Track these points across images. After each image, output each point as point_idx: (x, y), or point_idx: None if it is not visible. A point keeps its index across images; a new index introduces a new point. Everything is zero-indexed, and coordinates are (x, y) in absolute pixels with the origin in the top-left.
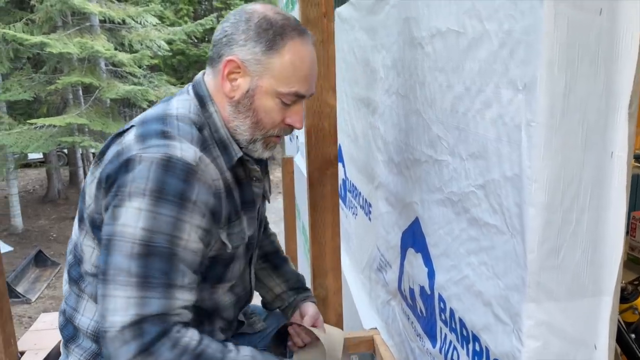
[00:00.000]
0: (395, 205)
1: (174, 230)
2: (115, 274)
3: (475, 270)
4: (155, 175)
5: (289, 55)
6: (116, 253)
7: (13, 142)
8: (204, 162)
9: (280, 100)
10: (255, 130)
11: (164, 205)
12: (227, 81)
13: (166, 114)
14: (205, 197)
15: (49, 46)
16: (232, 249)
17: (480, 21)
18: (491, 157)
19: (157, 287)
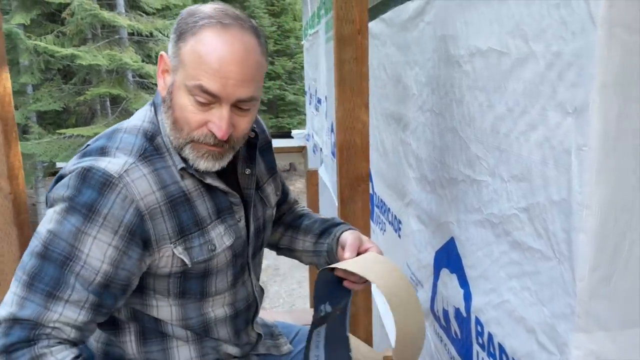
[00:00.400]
0: (428, 224)
1: (74, 241)
2: (18, 268)
3: (517, 295)
4: (73, 184)
5: (197, 44)
6: (28, 248)
7: (42, 151)
8: (133, 174)
9: (194, 98)
10: (176, 133)
11: (72, 214)
12: (161, 79)
13: (116, 129)
14: (119, 213)
15: (79, 58)
16: (195, 263)
17: (526, 41)
18: (536, 179)
19: (39, 292)
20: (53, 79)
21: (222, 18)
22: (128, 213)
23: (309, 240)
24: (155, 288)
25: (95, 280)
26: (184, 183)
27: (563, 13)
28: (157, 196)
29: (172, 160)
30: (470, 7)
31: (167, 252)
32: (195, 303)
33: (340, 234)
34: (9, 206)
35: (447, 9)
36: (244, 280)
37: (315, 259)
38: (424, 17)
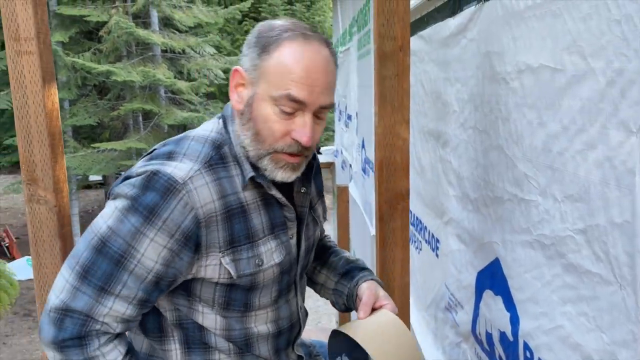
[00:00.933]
0: (469, 244)
1: (132, 240)
2: (72, 256)
3: (572, 321)
4: (139, 184)
5: (283, 55)
6: (82, 238)
7: (77, 165)
8: (197, 182)
9: (279, 108)
10: (257, 144)
11: (134, 213)
12: (235, 93)
13: (184, 136)
14: (179, 218)
15: (114, 74)
16: (240, 276)
17: (583, 58)
18: (594, 200)
19: (92, 285)
20: (89, 94)
21: (303, 30)
22: (187, 219)
23: (331, 278)
24: (201, 296)
25: (147, 279)
26: (243, 195)
27: (625, 29)
28: (215, 205)
29: (236, 171)
30: (520, 23)
31: (214, 261)
32: (239, 315)
33: (362, 283)
34: (54, 219)
35: (493, 25)
36: (288, 299)
37: (334, 297)
38: (467, 34)
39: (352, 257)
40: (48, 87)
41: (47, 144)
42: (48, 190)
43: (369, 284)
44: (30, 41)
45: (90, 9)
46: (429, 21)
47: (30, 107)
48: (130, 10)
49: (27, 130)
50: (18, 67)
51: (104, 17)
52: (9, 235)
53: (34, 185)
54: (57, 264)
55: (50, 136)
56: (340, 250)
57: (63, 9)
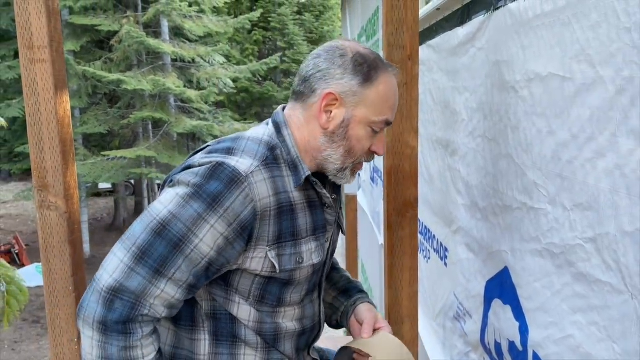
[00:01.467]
0: (478, 252)
1: (193, 225)
2: (127, 237)
3: (583, 331)
4: (203, 173)
5: (382, 87)
6: (139, 221)
7: (87, 172)
8: (257, 177)
9: (372, 128)
10: (347, 159)
11: (197, 200)
12: (324, 113)
13: (239, 136)
14: (239, 208)
15: (124, 83)
16: (282, 270)
17: (592, 66)
18: (604, 209)
19: (147, 267)
20: (99, 103)
21: (384, 61)
22: (246, 210)
23: (330, 293)
24: (238, 287)
25: (200, 265)
26: (292, 195)
27: (634, 37)
28: (271, 200)
29: (287, 172)
30: (529, 32)
31: (261, 253)
32: (270, 310)
33: (360, 304)
34: (64, 225)
35: (502, 34)
36: (312, 299)
37: (329, 311)
38: (475, 43)
39: (352, 278)
40: (60, 94)
41: (59, 151)
42: (59, 197)
43: (368, 307)
44: (44, 49)
45: (101, 18)
46: (438, 30)
47: (43, 114)
48: (141, 20)
49: (39, 137)
50: (31, 74)
51: (115, 27)
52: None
53: (45, 192)
54: (67, 270)
55: (61, 143)
56: (340, 268)
57: (75, 18)
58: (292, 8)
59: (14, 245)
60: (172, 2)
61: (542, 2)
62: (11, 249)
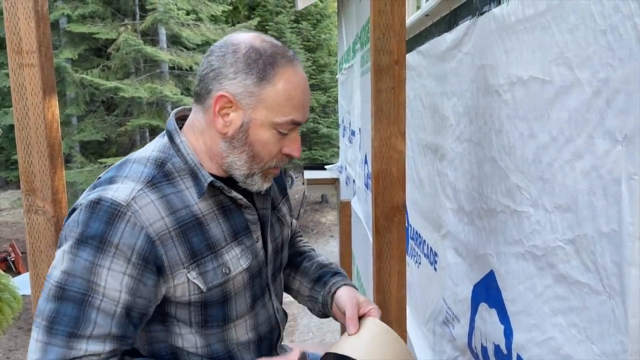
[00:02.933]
0: (465, 256)
1: (90, 275)
2: (36, 316)
3: (563, 332)
4: (82, 219)
5: (282, 84)
6: (42, 293)
7: (83, 180)
8: (141, 201)
9: (277, 130)
10: (253, 165)
11: (84, 248)
12: (219, 117)
13: (125, 160)
14: (130, 240)
15: (122, 91)
16: (210, 288)
17: (571, 69)
18: (583, 210)
19: (59, 334)
20: (97, 110)
21: (286, 54)
22: (139, 240)
23: (305, 285)
24: (177, 316)
25: (117, 312)
26: (197, 207)
27: (610, 39)
28: (166, 222)
29: (185, 184)
30: (511, 36)
31: (182, 279)
32: (219, 330)
33: (336, 291)
34: (52, 229)
35: (486, 39)
36: (264, 303)
37: (309, 304)
38: (462, 48)
39: (325, 261)
40: (49, 99)
41: (47, 155)
42: (46, 201)
43: (346, 293)
44: (32, 54)
45: (99, 26)
46: (427, 36)
47: (31, 118)
48: (139, 28)
49: (27, 141)
50: (19, 79)
51: (113, 35)
52: (15, 250)
53: (32, 196)
54: None
55: (49, 147)
56: (314, 254)
57: (73, 26)
58: (290, 16)
59: (10, 253)
60: (169, 10)
61: (524, 7)
62: (7, 256)
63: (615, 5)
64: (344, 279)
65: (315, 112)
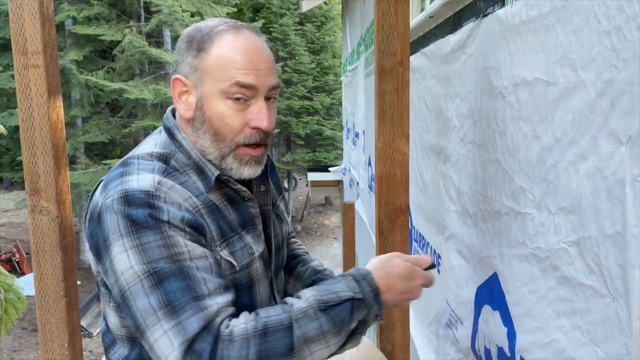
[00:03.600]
0: (469, 259)
1: (168, 250)
2: (144, 319)
3: (567, 335)
4: (121, 214)
5: (219, 49)
6: (133, 302)
7: (88, 181)
8: (165, 185)
9: (230, 99)
10: (219, 143)
11: (144, 234)
12: (180, 102)
13: (128, 157)
14: (178, 214)
15: (126, 92)
16: (241, 267)
17: (574, 70)
18: (587, 212)
19: (185, 305)
20: (102, 112)
21: (231, 23)
22: (183, 212)
23: (298, 289)
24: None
25: (212, 264)
26: (209, 196)
27: (614, 40)
28: (194, 201)
29: (193, 178)
30: (515, 37)
31: (216, 256)
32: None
33: None
34: (56, 230)
35: (490, 40)
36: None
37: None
38: (466, 50)
39: (319, 267)
40: (53, 99)
41: (51, 156)
42: (51, 201)
43: None
44: (37, 55)
45: (104, 28)
46: (431, 38)
47: (36, 119)
48: (144, 30)
49: (31, 141)
50: (24, 80)
51: (118, 37)
52: (19, 251)
53: (36, 196)
54: (58, 275)
55: (54, 148)
56: (308, 259)
57: (78, 28)
58: (294, 18)
59: (15, 254)
60: (174, 12)
61: (528, 8)
62: (12, 257)
63: (620, 6)
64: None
65: (320, 114)
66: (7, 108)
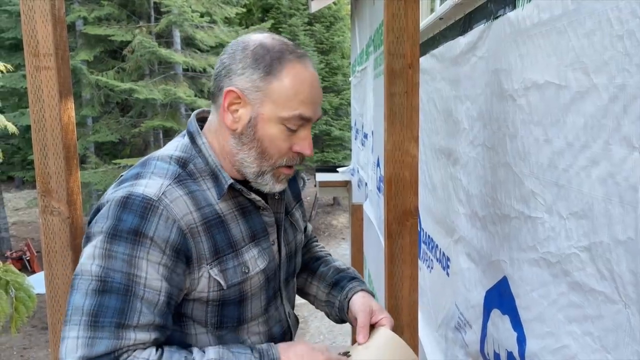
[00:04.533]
0: (478, 262)
1: (130, 267)
2: (71, 314)
3: (577, 341)
4: (113, 214)
5: (288, 79)
6: (75, 292)
7: (98, 180)
8: (170, 196)
9: (285, 126)
10: (262, 162)
11: (119, 242)
12: (229, 113)
13: (149, 157)
14: (164, 233)
15: (136, 92)
16: (230, 285)
17: (587, 74)
18: (598, 217)
19: (107, 326)
20: (112, 112)
21: (295, 50)
22: (172, 233)
23: (322, 290)
24: (193, 316)
25: (160, 301)
26: (218, 207)
27: (627, 45)
28: (194, 217)
29: (206, 184)
30: (526, 40)
31: (204, 274)
32: (233, 331)
33: (352, 296)
34: (67, 230)
35: (501, 43)
36: (276, 306)
37: (327, 309)
38: (476, 52)
39: (342, 266)
40: (65, 101)
41: (62, 157)
42: (62, 202)
43: (361, 300)
44: (49, 57)
45: (115, 28)
46: (440, 40)
47: (47, 120)
48: (154, 30)
49: (43, 142)
50: (36, 81)
51: (128, 37)
52: (30, 249)
53: (48, 197)
54: (69, 275)
55: (65, 149)
56: (330, 260)
57: (89, 28)
58: (303, 19)
59: (25, 252)
60: (184, 12)
61: (540, 11)
62: (22, 255)
63: (633, 10)
64: (361, 285)
65: (328, 114)
66: (18, 108)
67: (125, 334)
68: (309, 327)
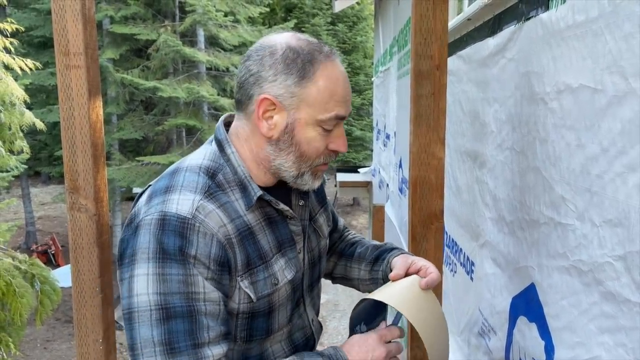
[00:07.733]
0: (504, 268)
1: (186, 287)
2: (142, 347)
3: (610, 352)
4: (154, 238)
5: (322, 81)
6: (137, 325)
7: (121, 177)
8: (204, 211)
9: (322, 127)
10: (301, 164)
11: (169, 265)
12: (263, 121)
13: (177, 168)
14: (205, 249)
15: (160, 90)
16: (260, 297)
17: (624, 78)
18: (635, 226)
19: (184, 350)
20: (136, 109)
21: (322, 49)
22: (213, 247)
23: (364, 269)
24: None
25: (221, 310)
26: (247, 218)
27: None
28: (228, 229)
29: (235, 195)
30: (560, 42)
31: (236, 285)
32: (259, 343)
33: (392, 259)
34: (93, 227)
35: (532, 45)
36: (300, 314)
37: (372, 287)
38: (506, 54)
39: (379, 243)
40: (93, 100)
41: (90, 155)
42: (89, 199)
43: (401, 257)
44: (79, 56)
45: (140, 27)
46: (468, 41)
47: (76, 118)
48: (178, 29)
49: (72, 140)
50: (66, 80)
51: (153, 36)
52: (55, 243)
53: (76, 194)
54: (95, 271)
55: (93, 147)
56: (366, 241)
57: (115, 27)
58: (326, 18)
59: (51, 246)
60: (208, 12)
61: (575, 13)
62: (48, 249)
63: None
64: (400, 250)
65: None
66: (46, 104)
67: (202, 352)
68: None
